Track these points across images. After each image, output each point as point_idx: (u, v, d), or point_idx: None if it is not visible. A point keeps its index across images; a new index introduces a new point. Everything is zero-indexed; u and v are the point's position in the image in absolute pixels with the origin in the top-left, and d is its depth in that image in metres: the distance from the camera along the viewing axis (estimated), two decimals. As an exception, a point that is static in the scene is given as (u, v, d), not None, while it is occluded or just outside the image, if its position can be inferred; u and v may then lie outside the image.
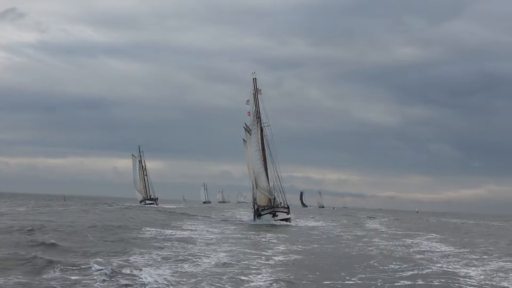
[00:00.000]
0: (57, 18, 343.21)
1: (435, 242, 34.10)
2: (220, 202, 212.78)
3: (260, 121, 56.22)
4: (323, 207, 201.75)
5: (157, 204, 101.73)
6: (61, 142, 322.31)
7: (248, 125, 57.62)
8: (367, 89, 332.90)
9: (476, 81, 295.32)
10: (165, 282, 14.06)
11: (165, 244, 23.88)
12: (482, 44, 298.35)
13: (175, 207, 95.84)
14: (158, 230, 32.09)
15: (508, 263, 22.65)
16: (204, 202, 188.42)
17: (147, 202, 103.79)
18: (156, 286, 13.60)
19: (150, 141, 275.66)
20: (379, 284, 15.57)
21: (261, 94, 56.66)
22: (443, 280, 16.78)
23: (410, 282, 16.17)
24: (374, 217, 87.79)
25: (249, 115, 56.28)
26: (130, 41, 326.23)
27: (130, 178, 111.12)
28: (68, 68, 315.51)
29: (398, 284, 15.86)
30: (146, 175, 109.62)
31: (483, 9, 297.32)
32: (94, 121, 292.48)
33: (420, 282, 16.17)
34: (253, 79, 56.69)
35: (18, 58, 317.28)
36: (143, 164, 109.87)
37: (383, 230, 48.97)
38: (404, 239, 35.29)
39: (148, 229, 32.02)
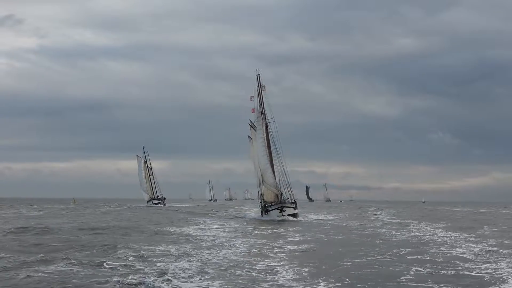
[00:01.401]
0: (55, 23, 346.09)
1: (434, 229, 36.49)
2: (227, 199, 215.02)
3: (265, 117, 57.75)
4: (329, 200, 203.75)
5: (164, 204, 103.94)
6: (65, 146, 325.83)
7: (253, 122, 59.45)
8: (367, 82, 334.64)
9: (475, 69, 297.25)
10: (194, 268, 16.50)
11: (186, 238, 26.42)
12: (480, 32, 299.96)
13: (183, 206, 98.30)
14: (175, 227, 34.56)
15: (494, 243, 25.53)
16: (209, 200, 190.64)
17: (154, 202, 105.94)
18: (188, 269, 16.10)
19: (152, 141, 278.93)
20: (377, 265, 17.89)
21: (265, 90, 57.97)
22: (441, 260, 19.11)
23: (407, 259, 18.56)
24: (380, 209, 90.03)
25: (253, 111, 57.42)
26: (129, 43, 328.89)
27: (135, 179, 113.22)
28: (69, 71, 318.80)
29: (400, 263, 18.21)
30: (152, 175, 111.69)
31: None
32: (97, 123, 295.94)
33: (416, 258, 18.52)
34: (257, 75, 57.94)
35: (19, 64, 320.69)
36: (149, 165, 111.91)
37: (387, 220, 51.24)
38: (406, 227, 37.67)
39: (165, 227, 34.50)
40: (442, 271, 16.61)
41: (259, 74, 58.37)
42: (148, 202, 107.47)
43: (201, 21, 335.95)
